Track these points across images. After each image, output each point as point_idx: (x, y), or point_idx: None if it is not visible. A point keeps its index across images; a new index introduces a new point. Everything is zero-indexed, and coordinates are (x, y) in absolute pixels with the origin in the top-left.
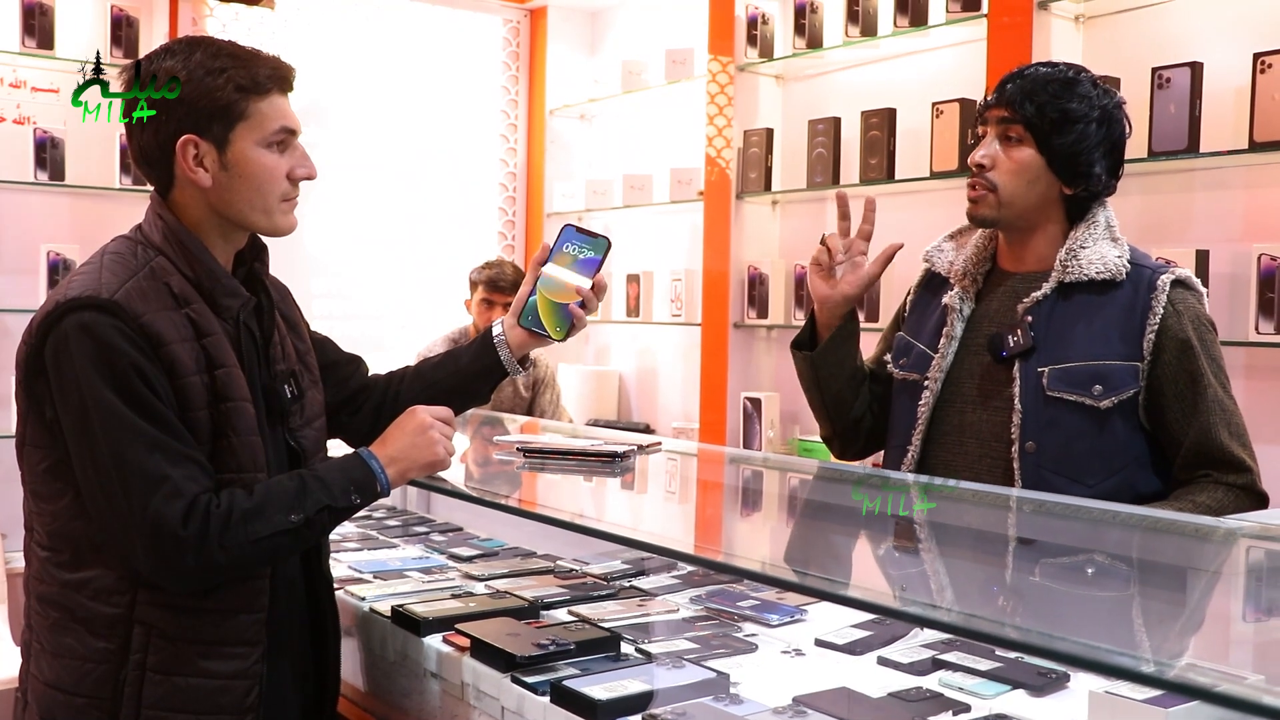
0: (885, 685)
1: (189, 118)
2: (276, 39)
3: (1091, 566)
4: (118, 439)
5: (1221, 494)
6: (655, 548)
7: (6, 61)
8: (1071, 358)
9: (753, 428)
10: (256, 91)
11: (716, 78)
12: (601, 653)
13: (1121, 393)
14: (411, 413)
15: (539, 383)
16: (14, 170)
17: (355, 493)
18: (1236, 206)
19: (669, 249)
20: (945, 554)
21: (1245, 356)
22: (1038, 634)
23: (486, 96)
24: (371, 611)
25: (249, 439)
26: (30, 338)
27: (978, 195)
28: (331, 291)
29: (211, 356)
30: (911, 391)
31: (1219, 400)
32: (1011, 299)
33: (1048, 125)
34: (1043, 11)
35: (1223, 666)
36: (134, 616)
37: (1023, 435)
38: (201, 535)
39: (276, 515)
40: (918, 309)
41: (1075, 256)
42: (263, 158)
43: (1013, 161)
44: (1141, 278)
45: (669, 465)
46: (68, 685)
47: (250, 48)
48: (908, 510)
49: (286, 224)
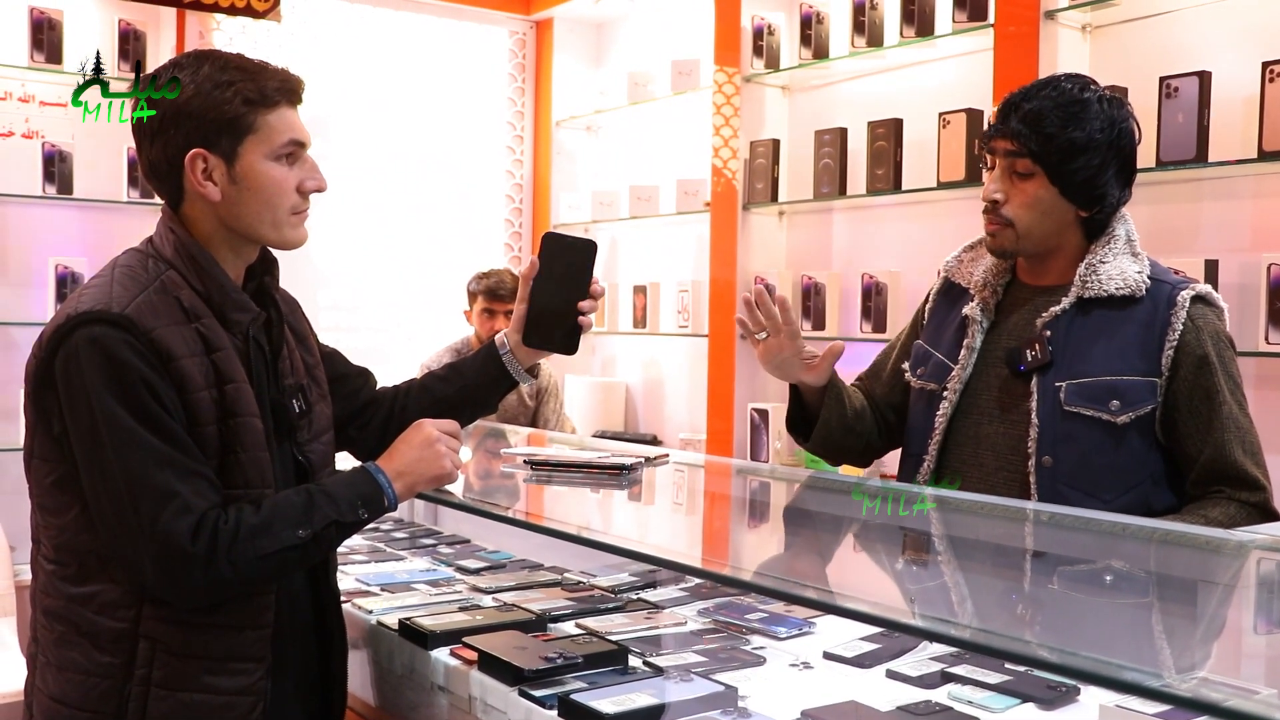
0: (894, 699)
1: (197, 131)
2: (283, 52)
3: (1102, 580)
4: (127, 454)
5: (1234, 510)
6: (663, 561)
7: (15, 76)
8: (1089, 373)
9: (760, 439)
10: (264, 104)
11: (722, 88)
12: (609, 666)
13: (1139, 408)
14: (418, 426)
15: (542, 391)
16: (22, 184)
17: (363, 507)
18: (1246, 216)
19: (675, 260)
20: (955, 567)
21: (1255, 367)
22: (1048, 649)
23: (492, 108)
24: (379, 624)
25: (257, 454)
26: (40, 351)
27: (995, 230)
28: (337, 303)
29: (221, 371)
30: (929, 400)
31: (1234, 418)
32: (1031, 313)
33: (1056, 157)
34: (1050, 21)
35: (1234, 680)
36: (139, 631)
37: (1039, 450)
38: (210, 551)
39: (284, 531)
40: (936, 318)
41: (1095, 272)
42: (271, 170)
43: (1025, 195)
44: (1161, 294)
45: (676, 477)
46: (72, 700)
47: (259, 60)
48: (916, 523)
49: (296, 237)
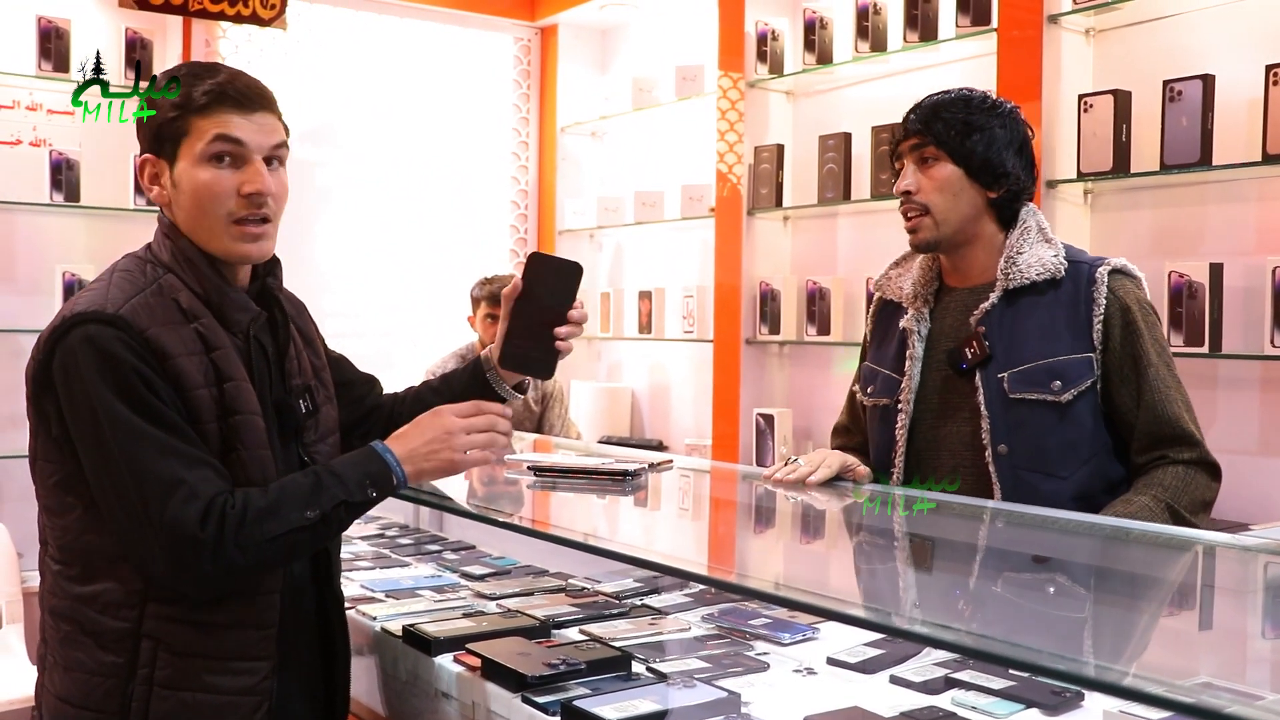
0: (897, 704)
1: (146, 138)
2: (289, 59)
3: (1105, 584)
4: (130, 446)
5: (1181, 471)
6: (666, 567)
7: (23, 84)
8: (1027, 359)
9: (765, 444)
10: (191, 108)
11: (727, 94)
12: (613, 672)
13: (1079, 384)
14: (437, 413)
15: (548, 396)
16: (30, 192)
17: (372, 486)
18: (1250, 219)
19: (680, 265)
20: (956, 572)
21: (1261, 370)
22: (1050, 655)
23: (497, 114)
24: (383, 631)
25: (258, 452)
26: (38, 353)
27: (914, 223)
28: (343, 309)
29: (220, 370)
30: (884, 415)
31: (1162, 378)
32: (963, 313)
33: (956, 136)
34: (1053, 25)
35: (1239, 685)
36: (142, 630)
37: (993, 440)
38: (218, 536)
39: (292, 513)
40: (877, 337)
41: (1014, 263)
42: (200, 174)
43: (935, 179)
44: (1080, 273)
45: (681, 483)
46: (77, 699)
47: (225, 67)
48: (917, 527)
49: (237, 250)
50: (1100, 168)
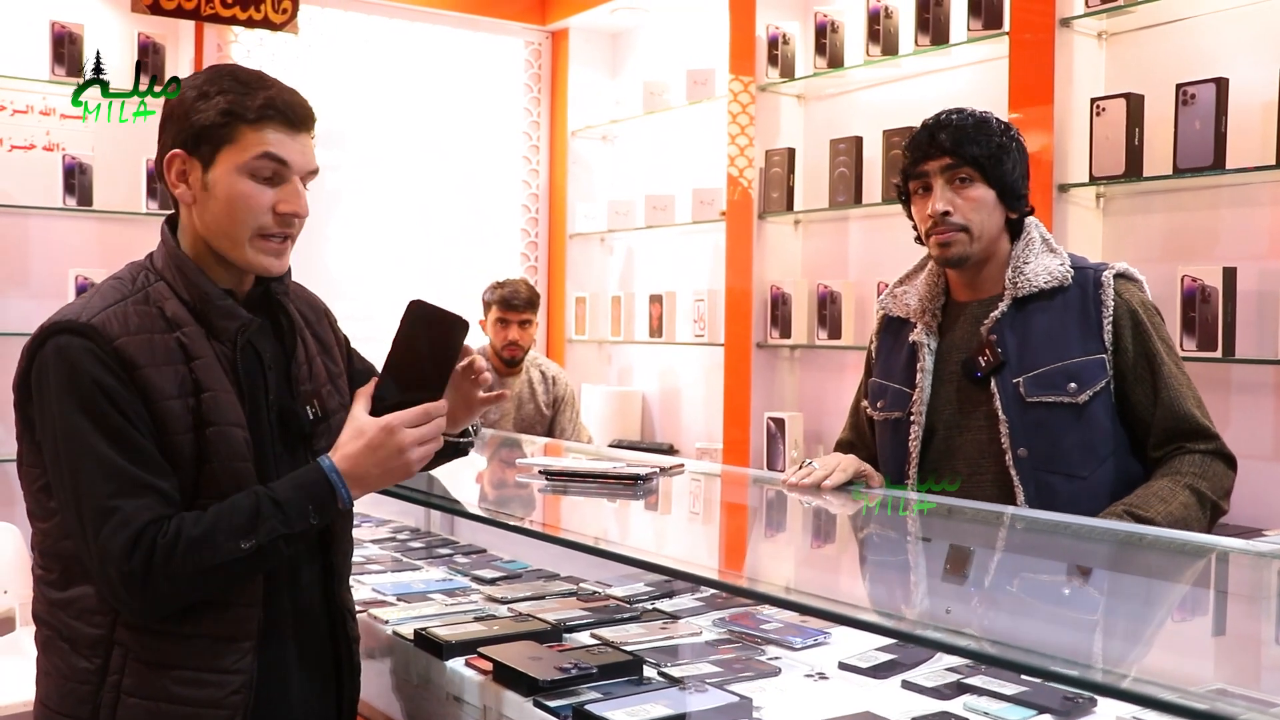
0: (909, 710)
1: (180, 134)
2: (301, 64)
3: (1119, 590)
4: (78, 465)
5: (1200, 459)
6: (678, 572)
7: (37, 89)
8: (1041, 363)
9: (776, 448)
10: (245, 118)
11: (738, 98)
12: (624, 676)
13: (1094, 385)
14: (389, 432)
15: (559, 400)
16: (43, 196)
17: (315, 513)
18: (1264, 223)
19: (691, 269)
20: (968, 576)
21: (1274, 374)
22: (1063, 660)
23: (508, 118)
24: (395, 635)
25: (233, 465)
26: (21, 362)
27: (949, 238)
28: (354, 312)
29: (198, 380)
30: (895, 429)
31: (1174, 375)
32: (972, 324)
33: (991, 161)
34: (1065, 29)
35: (1254, 692)
36: (114, 638)
37: (1013, 443)
38: (145, 568)
39: (227, 543)
40: (883, 353)
41: (1021, 273)
42: (240, 184)
43: (973, 200)
44: (1086, 278)
45: (692, 487)
46: (54, 703)
47: (271, 79)
48: (928, 532)
49: (259, 262)
50: (1113, 171)
